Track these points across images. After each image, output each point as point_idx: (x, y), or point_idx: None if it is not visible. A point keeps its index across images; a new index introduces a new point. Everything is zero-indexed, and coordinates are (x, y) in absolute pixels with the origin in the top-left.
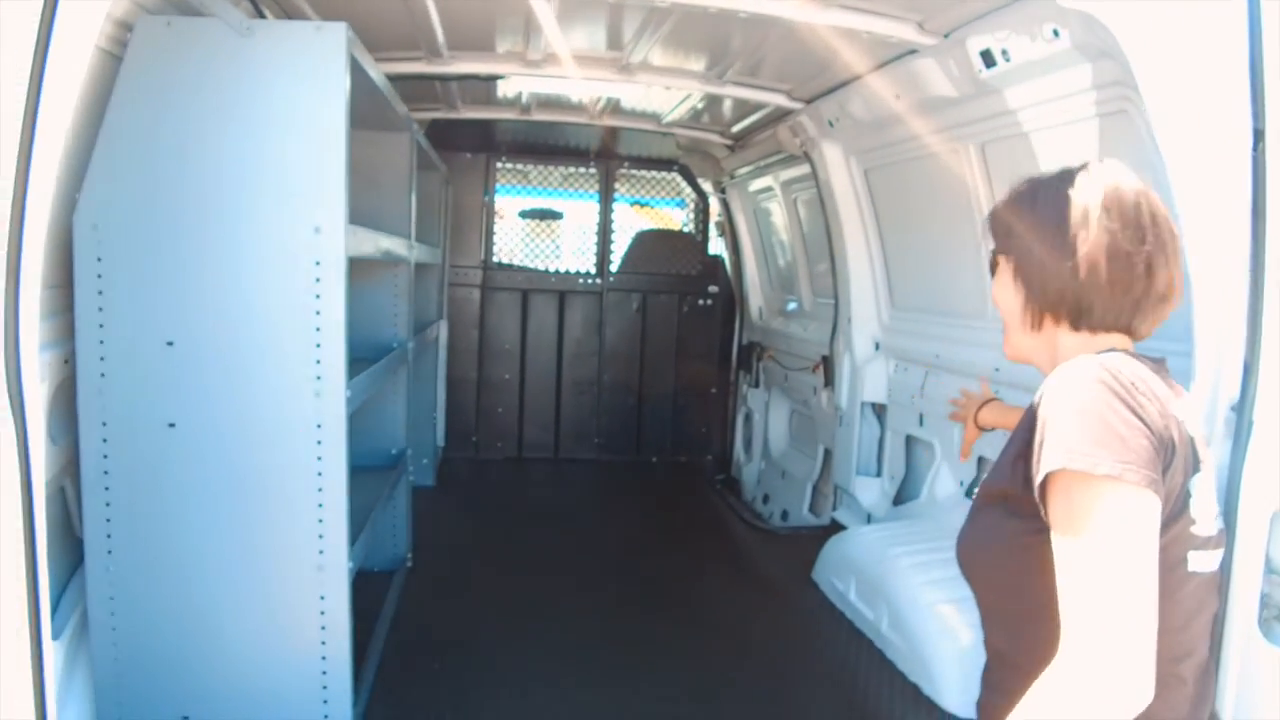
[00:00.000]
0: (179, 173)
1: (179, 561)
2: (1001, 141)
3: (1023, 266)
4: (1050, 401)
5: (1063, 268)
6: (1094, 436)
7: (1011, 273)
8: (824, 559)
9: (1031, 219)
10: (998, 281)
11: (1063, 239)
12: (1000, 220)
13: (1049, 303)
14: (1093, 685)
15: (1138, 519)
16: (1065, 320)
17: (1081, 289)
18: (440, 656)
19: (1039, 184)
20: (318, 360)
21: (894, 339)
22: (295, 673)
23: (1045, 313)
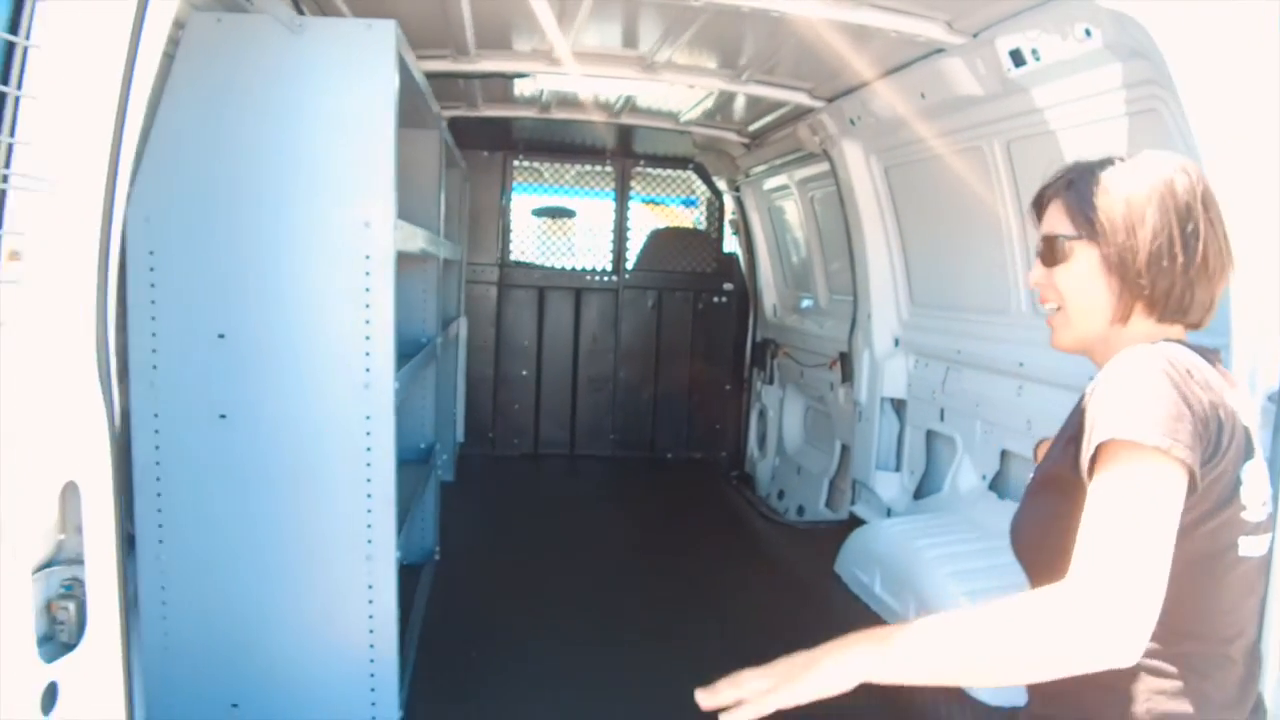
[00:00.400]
0: (231, 167)
1: (229, 551)
2: (1027, 139)
3: (1119, 257)
4: (1107, 384)
5: (1174, 261)
6: (1147, 415)
7: (1099, 262)
8: (847, 551)
9: (1130, 208)
10: (1067, 271)
11: (1171, 231)
12: (1085, 206)
13: (1152, 295)
14: (1094, 616)
15: (1172, 491)
16: (1155, 312)
17: (1189, 283)
18: (475, 647)
19: (1126, 171)
20: (367, 353)
21: (914, 335)
22: (343, 661)
23: (1140, 304)
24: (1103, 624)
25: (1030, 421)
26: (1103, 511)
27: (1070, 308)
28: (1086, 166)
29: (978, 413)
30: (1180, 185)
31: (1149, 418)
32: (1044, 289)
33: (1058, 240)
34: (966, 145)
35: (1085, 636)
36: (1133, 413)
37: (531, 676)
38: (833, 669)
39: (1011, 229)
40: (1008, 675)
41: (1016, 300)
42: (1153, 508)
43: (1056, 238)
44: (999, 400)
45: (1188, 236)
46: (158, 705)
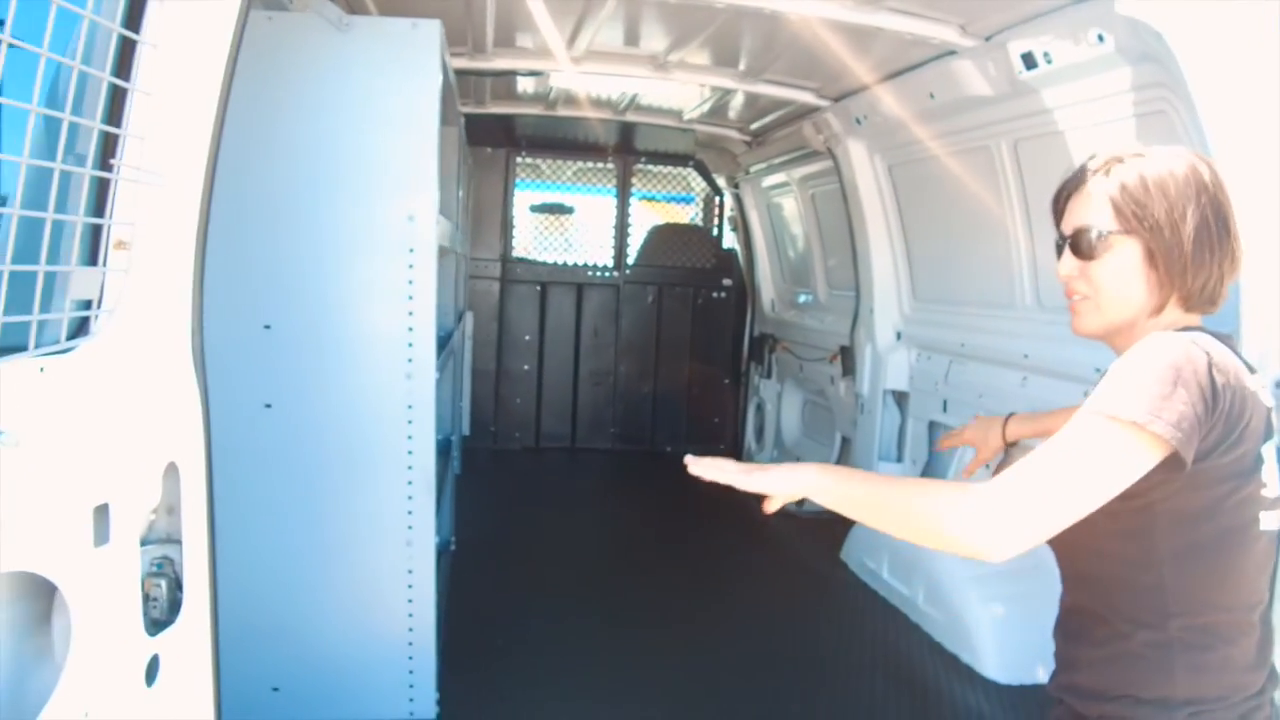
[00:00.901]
0: (278, 161)
1: (273, 537)
2: (1035, 139)
3: (1165, 251)
4: (1121, 362)
5: (1212, 254)
6: (1136, 394)
7: (1142, 256)
8: (854, 539)
9: (1172, 203)
10: (1106, 264)
11: (1210, 224)
12: (1128, 200)
13: (1191, 288)
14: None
15: (1129, 459)
16: (1189, 303)
17: (1222, 275)
18: (500, 634)
19: (1159, 164)
20: (410, 344)
21: (916, 329)
22: (383, 645)
23: (1176, 295)
24: (980, 522)
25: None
26: (1047, 448)
27: (1104, 298)
28: (1115, 159)
29: (981, 404)
30: (1207, 177)
31: (1137, 396)
32: (1074, 281)
33: (1094, 233)
34: (974, 144)
35: (961, 525)
36: (1124, 390)
37: (556, 667)
38: (785, 475)
39: (1017, 225)
40: (897, 532)
41: (1021, 294)
42: (1093, 462)
43: (1092, 230)
44: (1003, 391)
45: (1222, 229)
46: None
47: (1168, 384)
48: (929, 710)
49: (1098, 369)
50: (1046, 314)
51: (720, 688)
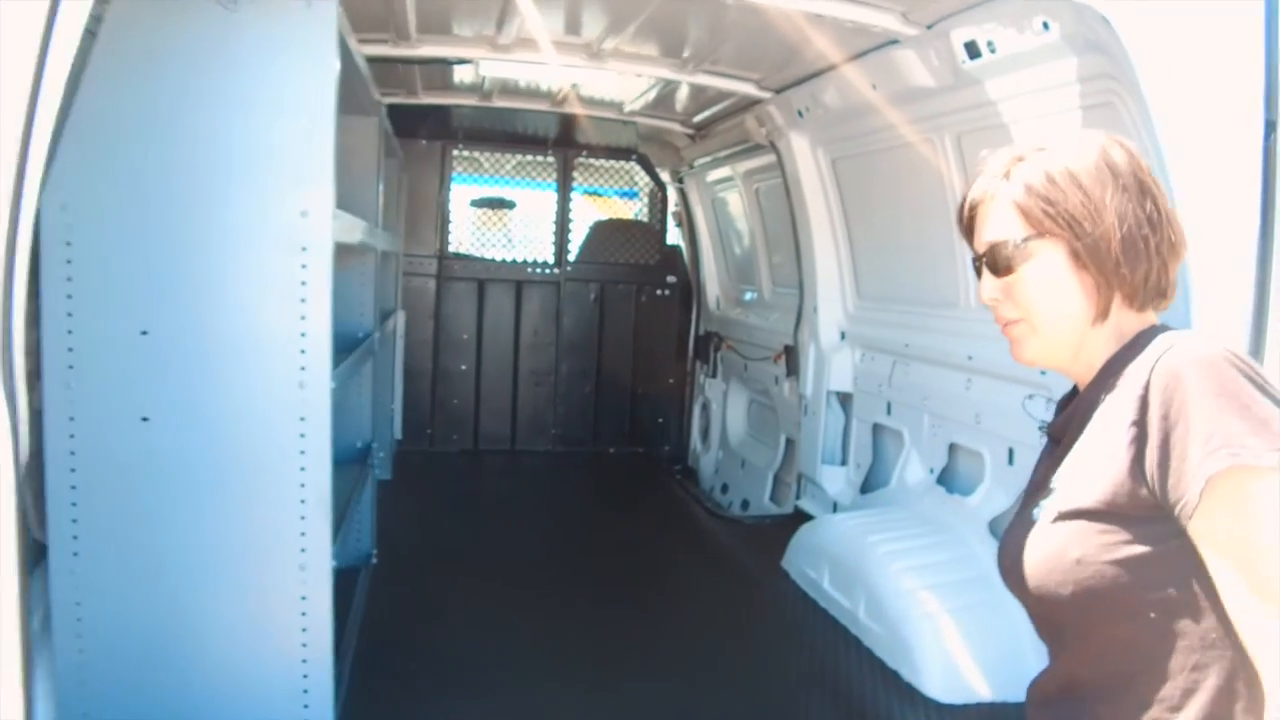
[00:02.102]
0: (157, 151)
1: (152, 563)
2: (979, 132)
3: (1092, 248)
4: (1173, 394)
5: (1146, 242)
6: (1250, 427)
7: (1067, 259)
8: (795, 547)
9: (1088, 194)
10: (1028, 276)
11: (1136, 210)
12: (1037, 200)
13: (1132, 282)
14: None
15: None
16: (1136, 300)
17: (1163, 262)
18: (414, 655)
19: (1063, 156)
20: (302, 350)
21: (860, 328)
22: (276, 675)
23: (1119, 295)
24: None
25: (979, 415)
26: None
27: (1038, 317)
28: (1015, 159)
29: (925, 406)
30: (1120, 159)
31: (1253, 430)
32: (1000, 306)
33: (1008, 245)
34: (917, 138)
35: None
36: (1233, 430)
37: (472, 685)
38: None
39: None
40: None
41: (965, 294)
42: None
43: (1006, 243)
44: (947, 394)
45: (1150, 213)
46: None
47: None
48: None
49: (1043, 371)
50: (990, 314)
51: (646, 707)
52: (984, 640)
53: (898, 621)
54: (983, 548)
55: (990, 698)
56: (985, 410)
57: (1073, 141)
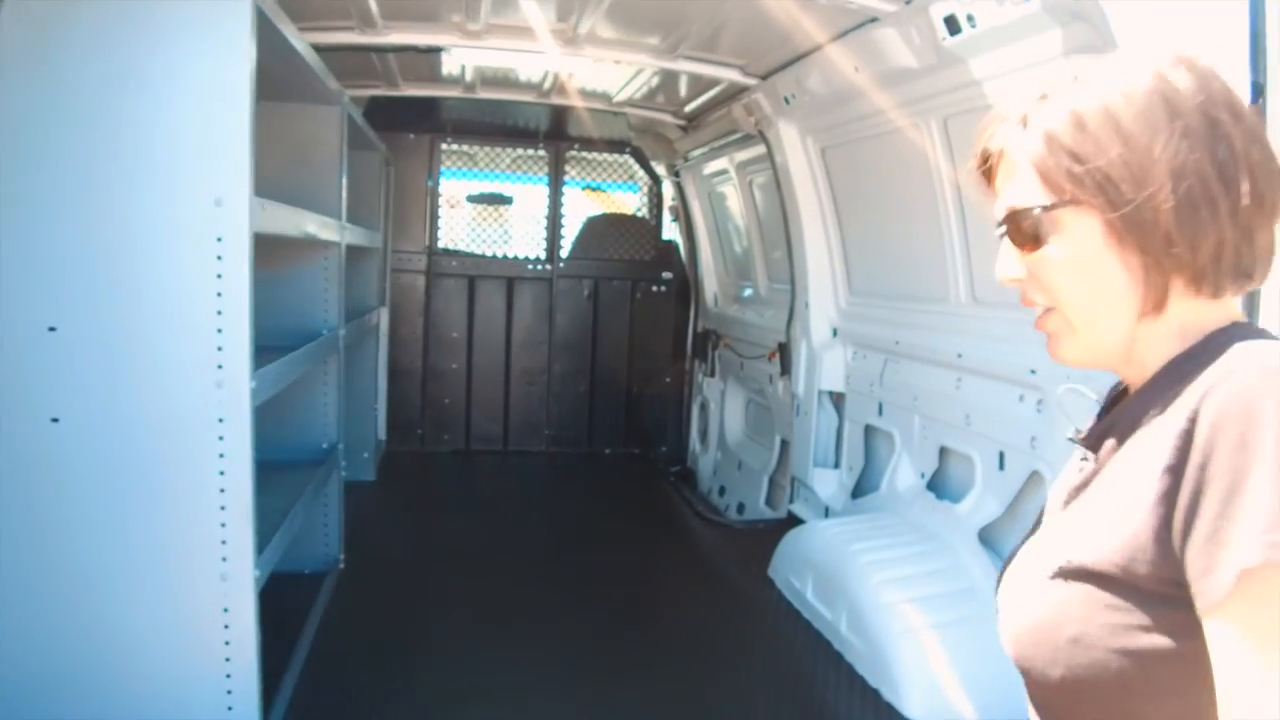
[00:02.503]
0: (61, 137)
1: (63, 573)
2: (965, 115)
3: (1134, 220)
4: (1223, 439)
5: (1214, 205)
6: None
7: (1103, 234)
8: (780, 555)
9: (1129, 143)
10: (1054, 255)
11: (1199, 161)
12: (1060, 155)
13: (1195, 263)
14: None
15: None
16: (1205, 286)
17: (1244, 230)
18: (367, 667)
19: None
20: (219, 348)
21: (852, 325)
22: (198, 695)
23: (1179, 279)
24: None
25: (969, 416)
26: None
27: (1069, 308)
28: (1039, 97)
29: (916, 407)
30: (1185, 88)
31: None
32: (1024, 286)
33: (1029, 214)
34: (903, 123)
35: None
36: None
37: (428, 700)
38: None
39: (949, 210)
40: None
41: (955, 288)
42: None
43: (1027, 211)
44: (937, 394)
45: (1222, 163)
46: None
47: None
48: None
49: (1033, 370)
50: (981, 309)
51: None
52: (970, 658)
53: (878, 636)
54: (972, 558)
55: (975, 719)
56: (975, 411)
57: (1119, 67)
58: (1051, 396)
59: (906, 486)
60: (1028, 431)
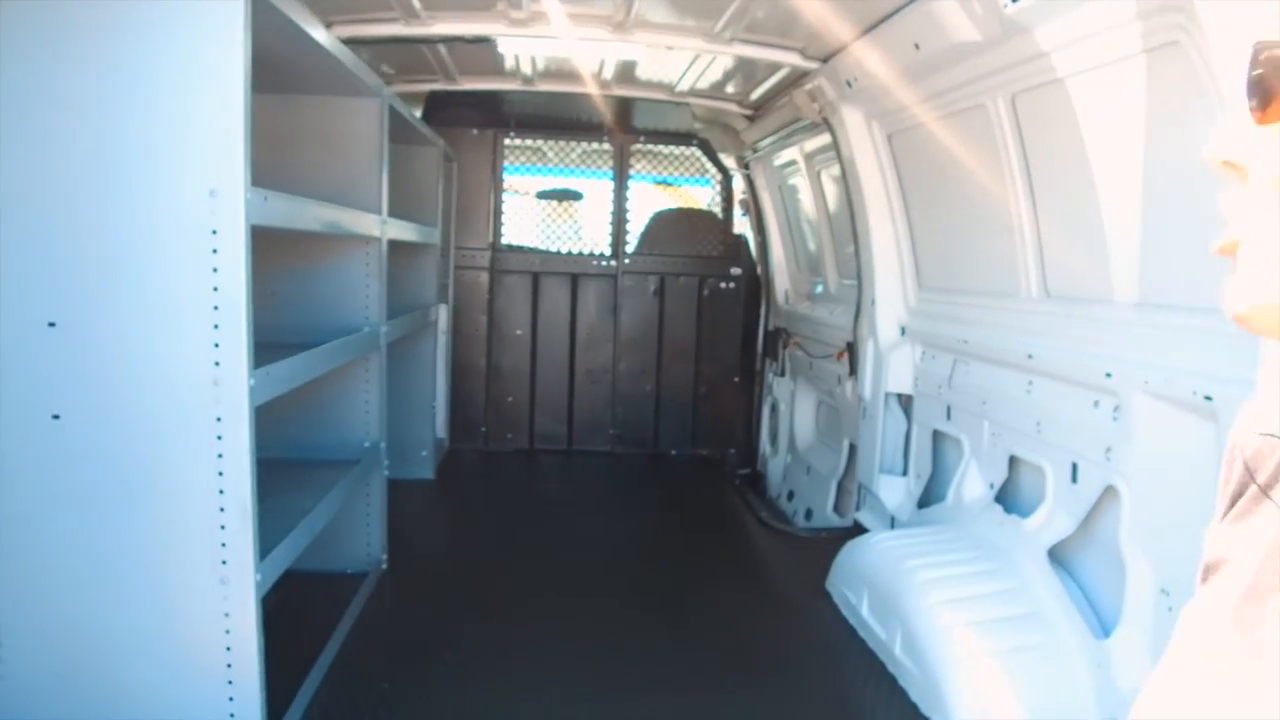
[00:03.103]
0: (62, 128)
1: (67, 572)
2: (1033, 91)
3: None
4: None
5: None
6: None
7: None
8: (838, 568)
9: None
10: None
11: None
12: None
13: None
14: None
15: None
16: None
17: None
18: (396, 673)
19: None
20: (215, 344)
21: (921, 323)
22: (199, 698)
23: None
24: None
25: (1040, 423)
26: None
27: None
28: None
29: (985, 411)
30: None
31: None
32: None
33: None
34: (969, 104)
35: None
36: None
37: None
38: None
39: (1019, 196)
40: None
41: (1026, 280)
42: None
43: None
44: (1007, 398)
45: None
46: None
47: None
48: None
49: (1108, 373)
50: (1053, 304)
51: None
52: (1033, 690)
53: (933, 662)
54: (1040, 579)
55: None
56: (1046, 417)
57: None
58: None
59: (974, 498)
60: (1102, 442)
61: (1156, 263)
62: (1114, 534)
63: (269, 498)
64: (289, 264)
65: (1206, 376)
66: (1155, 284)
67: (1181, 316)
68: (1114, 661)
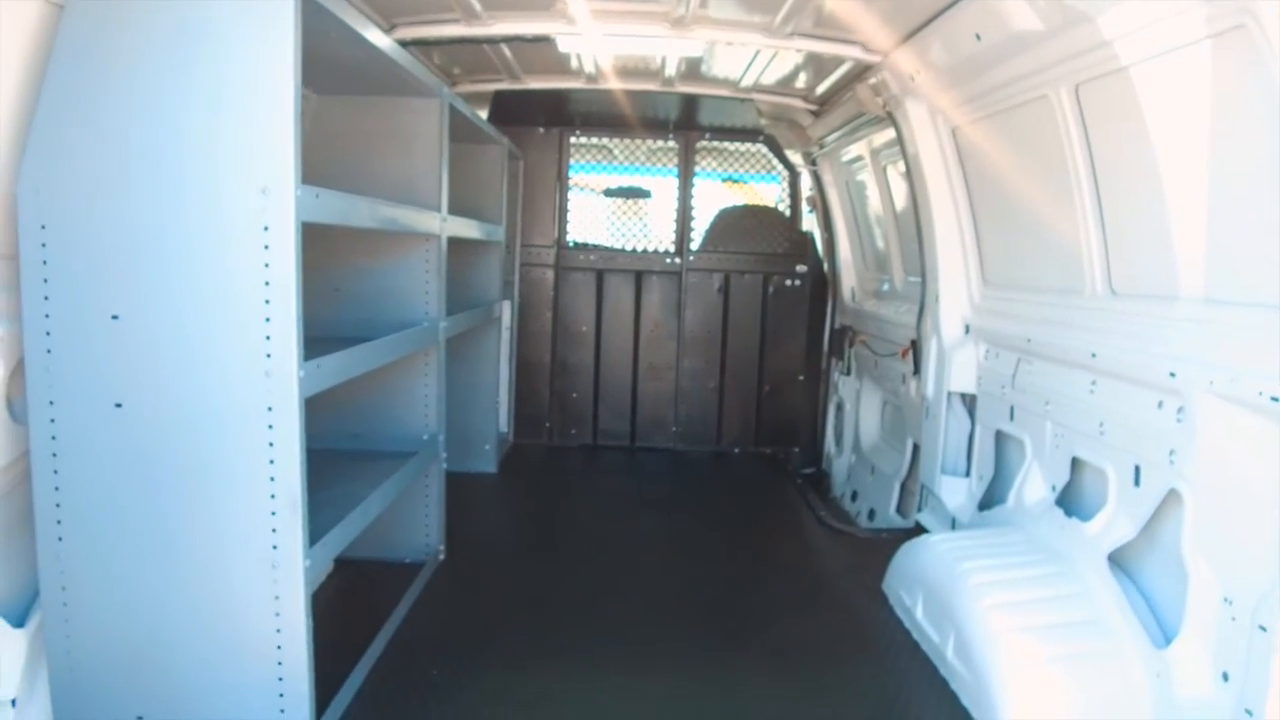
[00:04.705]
0: (123, 131)
1: (129, 552)
2: (1097, 81)
3: None
4: None
5: None
6: None
7: None
8: (894, 569)
9: None
10: None
11: None
12: None
13: None
14: None
15: None
16: None
17: None
18: (447, 660)
19: None
20: (267, 336)
21: (985, 320)
22: (250, 678)
23: None
24: None
25: (1103, 424)
26: None
27: None
28: None
29: (1048, 412)
30: None
31: None
32: None
33: None
34: (1031, 95)
35: None
36: None
37: (500, 698)
38: None
39: (1083, 189)
40: None
41: (1091, 278)
42: None
43: None
44: (1070, 398)
45: None
46: (64, 710)
47: None
48: None
49: (1172, 373)
50: (1118, 301)
51: None
52: (1087, 699)
53: (985, 667)
54: (1099, 585)
55: None
56: (1110, 418)
57: None
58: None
59: (1035, 500)
60: (1166, 444)
61: (1223, 257)
62: (1176, 540)
63: (327, 486)
64: (352, 261)
65: (1274, 377)
66: (1222, 279)
67: (1248, 313)
68: (1173, 671)
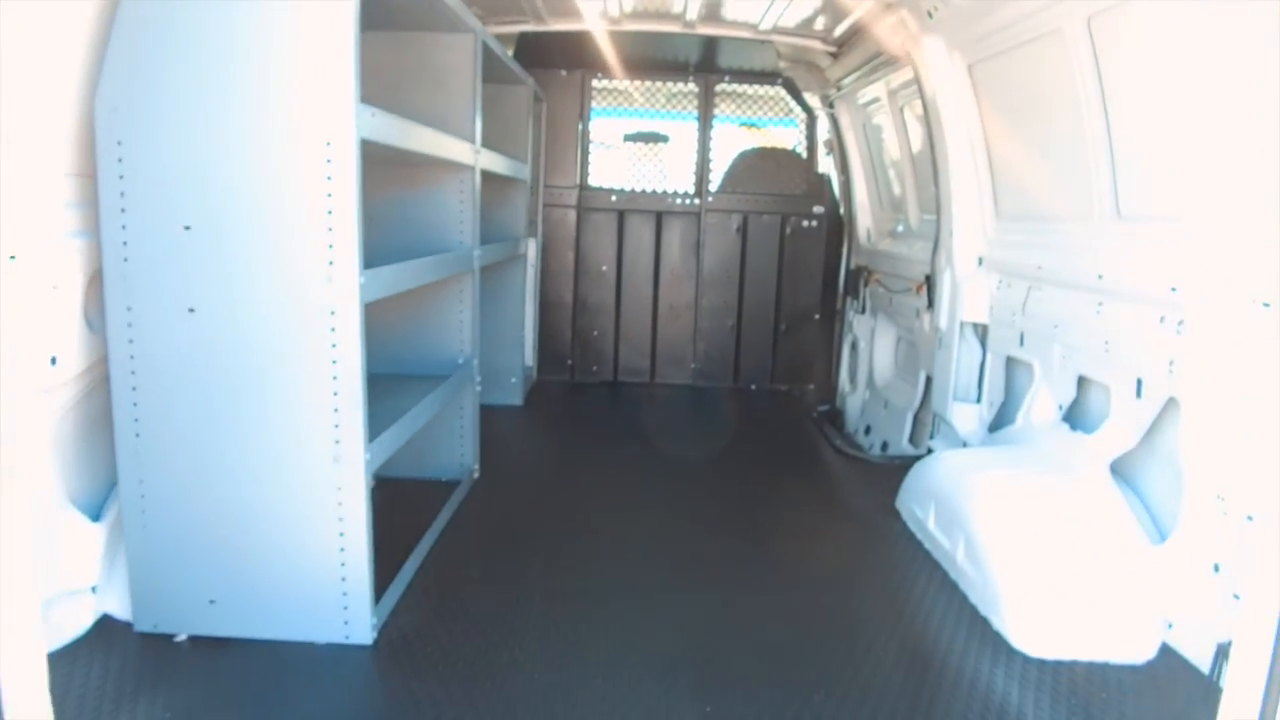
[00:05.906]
0: (194, 51)
1: (202, 447)
2: (1110, 12)
3: None
4: None
5: None
6: None
7: None
8: (907, 486)
9: None
10: None
11: None
12: None
13: None
14: None
15: None
16: None
17: None
18: (487, 559)
19: None
20: (330, 245)
21: (998, 252)
22: (315, 566)
23: None
24: None
25: (1108, 343)
26: None
27: None
28: None
29: (1056, 335)
30: None
31: None
32: None
33: None
34: (1046, 29)
35: None
36: None
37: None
38: None
39: (1094, 119)
40: None
41: (1099, 203)
42: None
43: None
44: (1078, 320)
45: None
46: (142, 596)
47: None
48: (931, 678)
49: (1174, 288)
50: (1124, 224)
51: (718, 645)
52: (1087, 594)
53: (990, 565)
54: (1101, 489)
55: (1088, 658)
56: (1115, 336)
57: None
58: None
59: (1043, 419)
60: (1166, 354)
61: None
62: (1173, 449)
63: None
64: (390, 190)
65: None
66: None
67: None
68: (1170, 564)
